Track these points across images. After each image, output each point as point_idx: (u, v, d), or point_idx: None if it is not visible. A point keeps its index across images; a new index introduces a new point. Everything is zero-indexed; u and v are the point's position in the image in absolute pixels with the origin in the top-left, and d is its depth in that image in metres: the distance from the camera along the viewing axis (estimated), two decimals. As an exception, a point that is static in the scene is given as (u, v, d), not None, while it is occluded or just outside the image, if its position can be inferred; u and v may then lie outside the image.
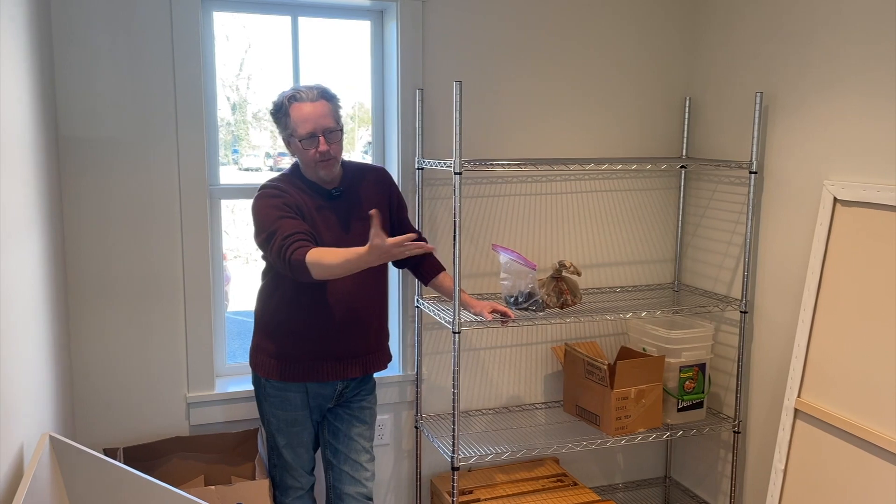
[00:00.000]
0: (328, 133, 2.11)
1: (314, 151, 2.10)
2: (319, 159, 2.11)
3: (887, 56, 2.20)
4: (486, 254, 2.86)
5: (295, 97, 2.11)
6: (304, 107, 2.10)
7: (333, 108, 2.15)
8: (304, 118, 2.09)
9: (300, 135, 2.10)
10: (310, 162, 2.13)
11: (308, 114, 2.09)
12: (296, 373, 2.17)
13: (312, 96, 2.11)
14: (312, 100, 2.10)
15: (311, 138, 2.10)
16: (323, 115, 2.10)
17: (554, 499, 2.70)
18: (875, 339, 2.18)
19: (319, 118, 2.09)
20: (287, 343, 2.17)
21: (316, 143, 2.10)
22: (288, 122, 2.13)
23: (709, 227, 2.95)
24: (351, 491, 2.27)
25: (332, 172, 2.15)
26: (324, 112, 2.10)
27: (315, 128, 2.09)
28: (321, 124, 2.09)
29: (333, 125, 2.12)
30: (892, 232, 2.16)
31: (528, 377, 2.99)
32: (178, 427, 2.56)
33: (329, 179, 2.17)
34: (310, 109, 2.09)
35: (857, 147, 2.31)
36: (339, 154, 2.16)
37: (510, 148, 2.83)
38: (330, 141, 2.11)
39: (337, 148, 2.14)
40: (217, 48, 2.54)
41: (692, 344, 2.76)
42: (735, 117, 2.80)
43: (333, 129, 2.12)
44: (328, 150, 2.10)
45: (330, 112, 2.12)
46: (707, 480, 3.02)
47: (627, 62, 2.93)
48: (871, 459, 2.16)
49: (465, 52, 2.72)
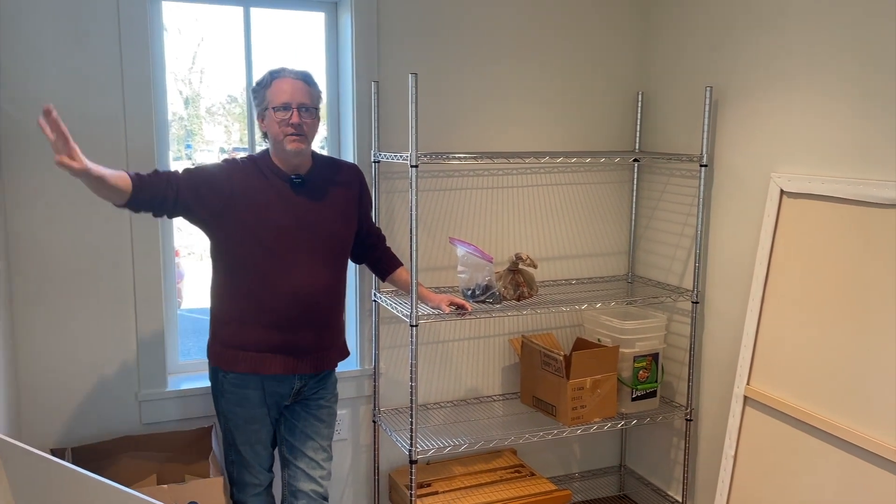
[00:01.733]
0: (303, 109, 2.09)
1: (285, 122, 2.08)
2: (290, 132, 2.08)
3: (832, 52, 2.26)
4: (444, 247, 2.86)
5: (279, 72, 2.12)
6: (285, 81, 2.10)
7: (315, 93, 2.15)
8: (282, 90, 2.09)
9: (275, 104, 2.08)
10: (279, 135, 2.09)
11: (287, 87, 2.09)
12: (246, 364, 2.13)
13: (295, 75, 2.12)
14: (296, 77, 2.11)
15: (284, 109, 2.08)
16: (301, 93, 2.10)
17: (511, 489, 2.72)
18: (820, 327, 2.24)
19: (297, 92, 2.09)
20: (238, 334, 2.13)
21: (289, 115, 2.07)
22: (265, 93, 2.11)
23: (661, 220, 3.00)
24: (306, 489, 2.25)
25: (300, 150, 2.10)
26: (303, 90, 2.10)
27: (291, 99, 2.08)
28: (297, 98, 2.09)
29: (310, 104, 2.11)
30: (836, 223, 2.22)
31: (486, 369, 3.01)
32: (129, 426, 2.50)
33: (296, 156, 2.12)
34: (290, 84, 2.10)
35: (802, 140, 2.38)
36: (310, 134, 2.12)
37: (467, 141, 2.84)
38: (303, 117, 2.09)
39: (310, 126, 2.11)
40: (169, 41, 2.48)
41: (645, 334, 2.81)
42: (686, 111, 2.86)
43: (309, 106, 2.11)
44: (300, 122, 2.08)
45: (309, 94, 2.12)
46: (661, 468, 3.08)
47: (582, 57, 2.96)
48: (818, 444, 2.22)
49: (421, 44, 2.71)
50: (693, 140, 2.83)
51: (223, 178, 2.10)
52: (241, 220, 2.08)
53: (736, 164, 2.64)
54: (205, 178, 2.08)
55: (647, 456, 3.16)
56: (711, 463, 2.81)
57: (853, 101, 2.20)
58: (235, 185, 2.09)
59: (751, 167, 2.58)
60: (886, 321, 2.05)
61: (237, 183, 2.10)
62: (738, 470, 2.50)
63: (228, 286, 2.14)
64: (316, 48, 2.74)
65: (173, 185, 2.03)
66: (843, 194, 2.19)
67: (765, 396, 2.40)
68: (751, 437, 2.46)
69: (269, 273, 2.10)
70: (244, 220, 2.08)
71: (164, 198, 2.01)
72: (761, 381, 2.44)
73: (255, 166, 2.14)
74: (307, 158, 2.19)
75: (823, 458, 2.20)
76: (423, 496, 2.66)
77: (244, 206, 2.08)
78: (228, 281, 2.14)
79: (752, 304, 2.47)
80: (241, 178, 2.11)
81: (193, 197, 2.05)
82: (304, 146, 2.11)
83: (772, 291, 2.42)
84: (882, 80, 2.11)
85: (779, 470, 2.35)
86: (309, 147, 2.15)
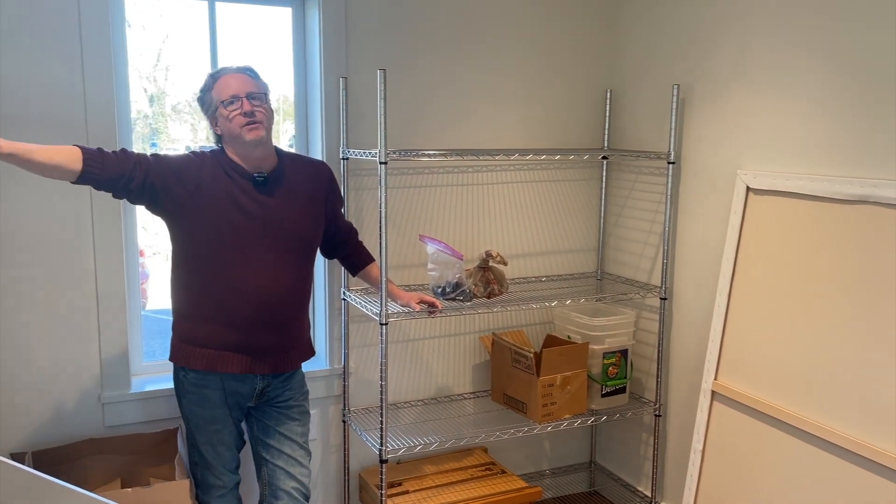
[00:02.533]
0: (251, 96, 2.06)
1: (238, 114, 2.04)
2: (245, 122, 2.04)
3: (796, 51, 2.30)
4: (414, 245, 2.84)
5: (219, 72, 2.10)
6: (228, 77, 2.07)
7: (260, 83, 2.11)
8: (226, 85, 2.06)
9: (223, 99, 2.05)
10: (235, 129, 2.05)
11: (231, 81, 2.06)
12: (203, 360, 2.09)
13: (237, 70, 2.09)
14: (237, 72, 2.09)
15: (233, 101, 2.05)
16: (246, 84, 2.07)
17: (482, 487, 2.72)
18: (786, 322, 2.27)
19: (242, 83, 2.06)
20: (197, 330, 2.09)
21: (239, 105, 2.04)
22: (210, 95, 2.08)
23: (630, 217, 3.02)
24: (287, 487, 2.22)
25: (260, 136, 2.05)
26: (247, 81, 2.08)
27: (237, 91, 2.05)
28: (244, 89, 2.06)
29: (258, 91, 2.08)
30: (801, 219, 2.26)
31: (457, 367, 3.00)
32: (92, 428, 2.45)
33: (256, 146, 2.07)
34: (233, 78, 2.07)
35: (768, 137, 2.41)
36: (265, 122, 2.08)
37: (437, 138, 2.82)
38: (253, 103, 2.05)
39: (263, 114, 2.07)
40: (133, 38, 2.43)
41: (615, 331, 2.82)
42: (654, 109, 2.88)
43: (257, 93, 2.07)
44: (252, 109, 2.04)
45: (254, 83, 2.09)
46: (630, 464, 3.10)
47: (551, 55, 2.97)
48: (784, 437, 2.26)
49: (390, 40, 2.69)
50: (661, 138, 2.85)
51: (192, 169, 2.06)
52: (204, 215, 2.04)
53: (703, 161, 2.67)
54: (174, 166, 2.04)
55: (617, 452, 3.18)
56: (680, 458, 2.84)
57: (817, 100, 2.24)
58: (203, 179, 2.05)
59: (718, 164, 2.61)
60: (851, 316, 2.08)
61: (204, 177, 2.06)
62: (705, 464, 2.52)
63: (188, 282, 2.10)
64: (283, 44, 2.70)
65: (143, 166, 1.99)
66: (808, 191, 2.22)
67: (732, 391, 2.42)
68: (718, 432, 2.49)
69: (230, 271, 2.06)
70: (207, 215, 2.04)
71: (130, 177, 1.96)
72: (728, 376, 2.46)
73: (218, 163, 2.10)
74: (270, 155, 2.14)
75: (790, 452, 2.23)
76: (394, 495, 2.65)
77: (208, 201, 2.04)
78: (188, 276, 2.10)
79: (720, 300, 2.50)
80: (209, 172, 2.07)
81: (161, 183, 2.01)
82: (263, 133, 2.06)
83: (739, 287, 2.45)
84: (845, 78, 2.15)
85: (746, 464, 2.37)
86: (268, 136, 2.10)
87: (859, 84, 2.11)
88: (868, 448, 1.99)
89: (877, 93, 2.06)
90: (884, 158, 2.05)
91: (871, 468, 1.99)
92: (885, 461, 1.94)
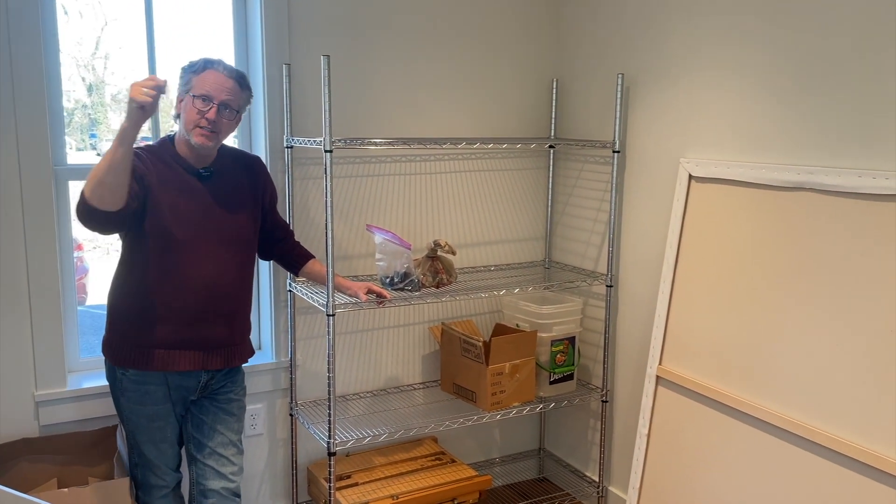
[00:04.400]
0: (224, 107, 2.01)
1: (200, 116, 1.99)
2: (201, 125, 1.99)
3: (736, 41, 2.34)
4: (361, 234, 2.81)
5: (213, 63, 2.03)
6: (216, 74, 2.01)
7: (243, 96, 2.07)
8: (209, 80, 2.00)
9: (197, 92, 1.99)
10: (190, 122, 2.00)
11: (216, 79, 2.00)
12: (154, 361, 2.03)
13: (229, 72, 2.03)
14: (227, 74, 2.02)
15: (204, 100, 1.99)
16: (229, 91, 2.01)
17: (432, 477, 2.71)
18: (728, 307, 2.32)
19: (224, 90, 2.01)
20: (145, 330, 2.03)
21: (208, 108, 1.99)
22: (192, 78, 2.02)
23: (576, 206, 3.05)
24: (216, 486, 2.16)
25: (207, 146, 2.03)
26: (232, 89, 2.02)
27: (215, 94, 1.99)
28: (221, 95, 2.00)
29: (233, 104, 2.03)
30: (741, 206, 2.30)
31: (406, 358, 2.98)
32: (25, 428, 2.35)
33: (199, 149, 2.04)
34: (220, 78, 2.01)
35: (709, 126, 2.45)
36: (221, 134, 2.05)
37: (384, 127, 2.79)
38: (221, 116, 2.01)
39: (225, 126, 2.04)
40: (71, 26, 2.33)
41: (562, 318, 2.84)
42: (599, 98, 2.90)
43: (231, 107, 2.03)
44: (216, 120, 2.00)
45: (237, 94, 2.04)
46: (579, 449, 3.14)
47: (499, 43, 2.96)
48: (727, 420, 2.31)
49: (335, 26, 2.65)
50: (606, 127, 2.88)
51: (147, 166, 2.01)
52: (157, 211, 2.00)
53: (647, 150, 2.70)
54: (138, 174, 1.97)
55: (566, 438, 3.21)
56: (627, 443, 2.88)
57: (757, 89, 2.28)
58: (155, 175, 2.02)
59: (661, 153, 2.64)
60: (791, 300, 2.14)
61: (155, 173, 2.02)
62: (651, 448, 2.57)
63: (136, 279, 2.04)
64: (224, 30, 2.63)
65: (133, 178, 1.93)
66: (748, 178, 2.27)
67: (676, 376, 2.47)
68: (663, 416, 2.53)
69: (182, 266, 2.03)
70: (160, 211, 2.00)
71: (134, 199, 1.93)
72: (672, 361, 2.51)
73: (159, 158, 2.05)
74: (213, 150, 2.12)
75: (733, 435, 2.29)
76: (343, 488, 2.62)
77: (160, 197, 2.01)
78: (137, 273, 2.04)
79: (664, 287, 2.54)
80: (158, 167, 2.03)
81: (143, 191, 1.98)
82: (212, 144, 2.04)
83: (682, 274, 2.50)
84: (783, 69, 2.20)
85: (691, 447, 2.42)
86: (216, 145, 2.07)
87: (797, 75, 2.16)
88: (810, 430, 2.05)
89: (813, 83, 2.12)
90: (820, 146, 2.11)
91: (813, 450, 2.05)
92: (828, 443, 2.00)
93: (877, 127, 1.97)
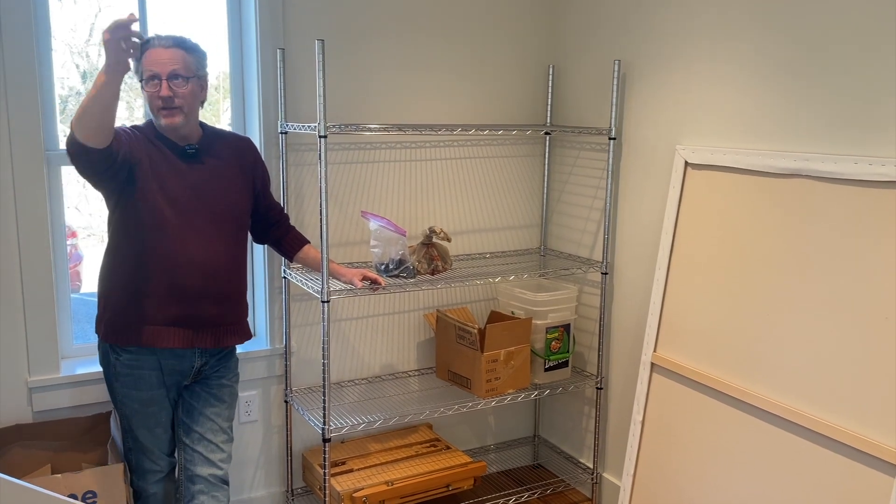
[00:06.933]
0: (172, 78, 1.98)
1: (155, 96, 1.98)
2: (161, 105, 1.99)
3: (734, 26, 2.32)
4: (356, 221, 2.80)
5: (149, 42, 2.01)
6: (155, 52, 1.99)
7: (191, 58, 2.03)
8: (151, 60, 1.98)
9: (145, 75, 1.99)
10: (152, 108, 2.02)
11: (156, 57, 1.98)
12: (141, 337, 2.02)
13: (167, 43, 2.00)
14: (166, 46, 1.99)
15: (151, 80, 1.98)
16: (172, 61, 1.98)
17: (426, 463, 2.72)
18: (723, 294, 2.32)
19: (167, 62, 1.98)
20: (135, 307, 2.02)
21: (157, 87, 1.97)
22: (140, 66, 2.01)
23: (572, 193, 3.04)
24: (204, 472, 2.15)
25: (175, 123, 2.01)
26: (174, 58, 1.99)
27: (160, 70, 1.97)
28: (167, 68, 1.98)
29: (181, 72, 1.99)
30: (736, 193, 2.30)
31: (401, 345, 2.98)
32: (19, 414, 2.34)
33: (171, 130, 2.04)
34: (159, 53, 1.99)
35: (705, 113, 2.44)
36: (186, 105, 2.02)
37: (379, 113, 2.78)
38: (174, 86, 1.98)
39: (185, 97, 2.01)
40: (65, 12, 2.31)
41: (557, 306, 2.84)
42: (595, 85, 2.89)
43: (180, 75, 1.99)
44: (170, 95, 1.98)
45: (182, 60, 2.00)
46: (573, 436, 3.15)
47: (495, 30, 2.94)
48: (721, 407, 2.31)
49: (330, 11, 2.62)
50: (602, 113, 2.86)
51: (140, 142, 2.01)
52: (145, 187, 2.00)
53: (643, 136, 2.69)
54: (126, 138, 1.98)
55: (560, 425, 3.22)
56: (621, 430, 2.89)
57: (752, 76, 2.27)
58: (145, 151, 2.02)
59: (657, 140, 2.63)
60: (786, 288, 2.14)
61: (145, 149, 2.02)
62: (645, 435, 2.57)
63: (125, 255, 2.03)
64: (218, 15, 2.61)
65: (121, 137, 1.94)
66: (743, 165, 2.26)
67: (671, 363, 2.47)
68: (658, 403, 2.53)
69: (169, 243, 2.02)
70: (148, 187, 2.00)
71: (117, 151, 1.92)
72: (667, 348, 2.51)
73: (146, 136, 2.05)
74: (195, 130, 2.11)
75: (727, 422, 2.29)
76: (338, 474, 2.62)
77: (148, 174, 2.00)
78: (125, 250, 2.03)
79: (659, 274, 2.54)
80: (146, 145, 2.03)
81: (130, 155, 1.96)
82: (179, 120, 2.02)
83: (677, 261, 2.49)
84: (779, 56, 2.19)
85: (684, 433, 2.43)
86: (186, 119, 2.04)
87: (793, 62, 2.15)
88: (805, 417, 2.05)
89: (808, 70, 2.11)
90: (815, 133, 2.10)
91: (808, 436, 2.06)
92: (823, 430, 2.00)
93: (873, 114, 1.96)
